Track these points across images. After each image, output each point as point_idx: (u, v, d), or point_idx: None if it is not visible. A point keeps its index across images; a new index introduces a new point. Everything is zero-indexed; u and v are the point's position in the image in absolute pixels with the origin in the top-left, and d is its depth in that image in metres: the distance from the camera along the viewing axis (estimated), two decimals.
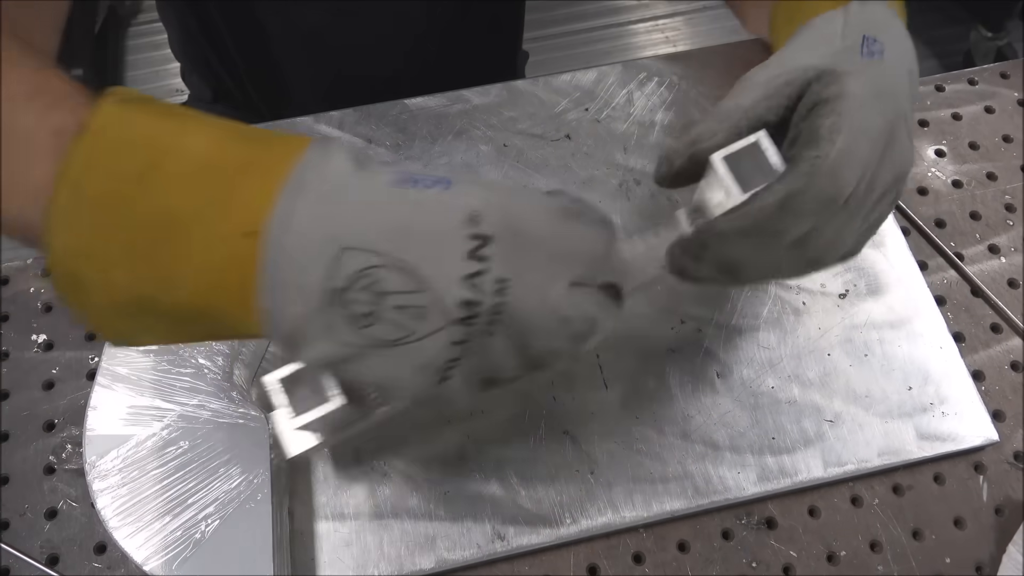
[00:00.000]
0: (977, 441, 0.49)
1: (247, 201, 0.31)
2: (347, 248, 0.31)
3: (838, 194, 0.37)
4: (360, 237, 0.31)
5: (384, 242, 0.31)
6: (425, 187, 0.32)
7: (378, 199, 0.32)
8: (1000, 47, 1.63)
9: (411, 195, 0.32)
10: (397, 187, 0.32)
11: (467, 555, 0.46)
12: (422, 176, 0.33)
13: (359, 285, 0.31)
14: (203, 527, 0.42)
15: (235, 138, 0.33)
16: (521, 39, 0.86)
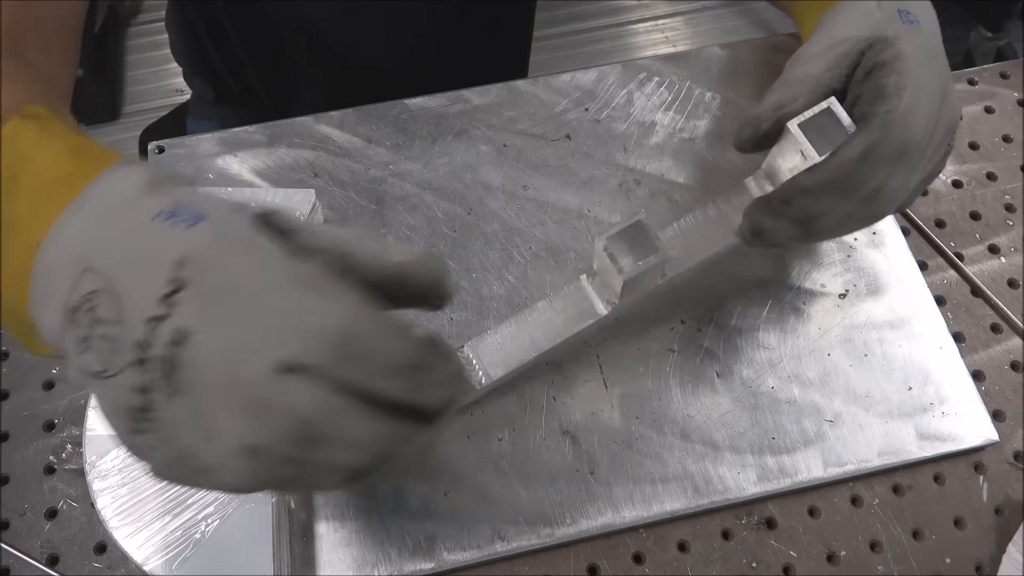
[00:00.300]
0: (977, 441, 0.49)
1: (48, 216, 0.32)
2: (87, 269, 0.30)
3: (910, 143, 0.41)
4: (99, 261, 0.30)
5: (112, 269, 0.30)
6: (174, 222, 0.30)
7: (131, 229, 0.30)
8: (1000, 47, 1.63)
9: (156, 228, 0.30)
10: (155, 219, 0.30)
11: (467, 555, 0.46)
12: (183, 210, 0.30)
13: (85, 307, 0.30)
14: (203, 527, 0.42)
15: (72, 154, 0.34)
16: (531, 39, 0.86)
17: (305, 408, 0.28)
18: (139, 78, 1.72)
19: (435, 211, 0.56)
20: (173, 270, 0.29)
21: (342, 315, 0.29)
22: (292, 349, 0.28)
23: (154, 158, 0.58)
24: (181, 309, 0.28)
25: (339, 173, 0.57)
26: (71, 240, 0.31)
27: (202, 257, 0.29)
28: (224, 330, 0.28)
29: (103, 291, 0.29)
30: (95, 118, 1.65)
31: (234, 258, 0.29)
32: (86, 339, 0.29)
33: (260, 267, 0.29)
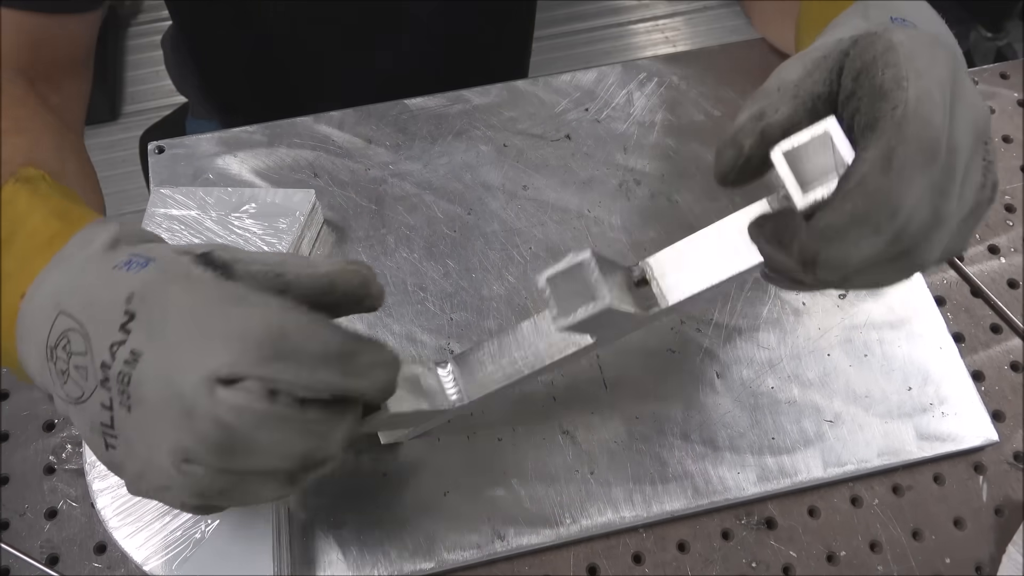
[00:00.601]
0: (977, 441, 0.49)
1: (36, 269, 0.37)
2: (60, 313, 0.34)
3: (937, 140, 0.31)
4: (70, 304, 0.34)
5: (79, 310, 0.34)
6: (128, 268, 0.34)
7: (97, 276, 0.35)
8: (1000, 47, 1.63)
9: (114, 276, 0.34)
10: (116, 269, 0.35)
11: (467, 555, 0.46)
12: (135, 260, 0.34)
13: (61, 344, 0.34)
14: (203, 527, 0.42)
15: (57, 217, 0.39)
16: (531, 39, 0.86)
17: (227, 415, 0.30)
18: (139, 78, 1.72)
19: (435, 211, 0.56)
20: (125, 304, 0.33)
21: (266, 317, 0.30)
22: (222, 358, 0.30)
23: (154, 158, 0.58)
24: (134, 335, 0.32)
25: (339, 173, 0.57)
26: (48, 290, 0.36)
27: (146, 290, 0.33)
28: (165, 349, 0.31)
29: (74, 330, 0.34)
30: (95, 118, 1.65)
31: (171, 287, 0.33)
32: (64, 372, 0.34)
33: (193, 291, 0.32)
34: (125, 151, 1.59)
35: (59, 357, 0.34)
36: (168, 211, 0.51)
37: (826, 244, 0.32)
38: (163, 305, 0.32)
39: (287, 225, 0.50)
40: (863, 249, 0.32)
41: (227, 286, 0.32)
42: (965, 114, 0.33)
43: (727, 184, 0.37)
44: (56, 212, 0.40)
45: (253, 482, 0.33)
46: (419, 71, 0.73)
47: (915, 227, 0.32)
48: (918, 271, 0.35)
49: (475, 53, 0.76)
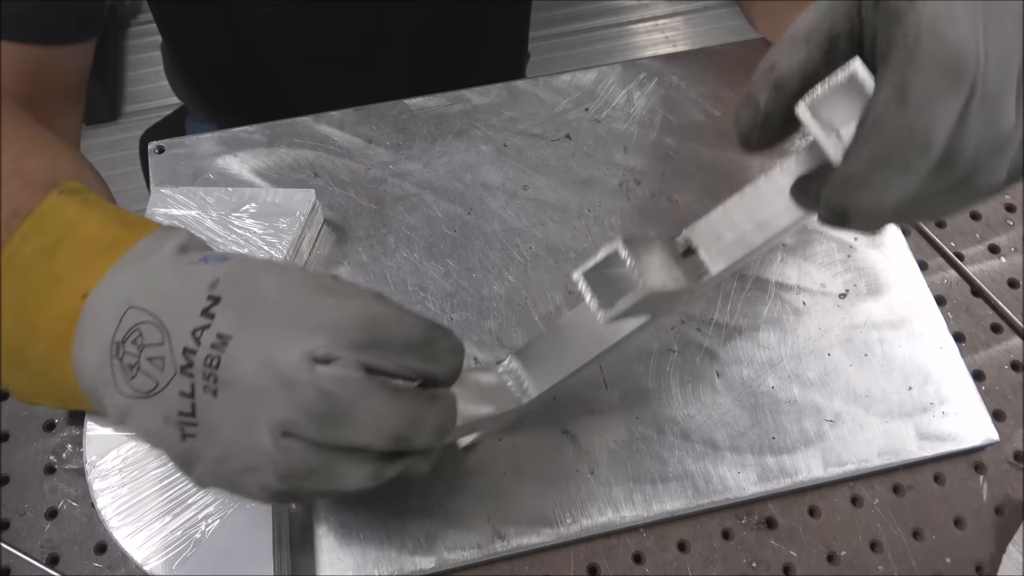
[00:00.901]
0: (977, 441, 0.49)
1: (96, 271, 0.37)
2: (131, 307, 0.35)
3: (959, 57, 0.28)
4: (142, 299, 0.35)
5: (153, 303, 0.34)
6: (205, 263, 0.35)
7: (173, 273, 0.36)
8: None
9: (191, 269, 0.35)
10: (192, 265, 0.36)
11: (467, 555, 0.46)
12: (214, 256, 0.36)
13: (131, 339, 0.34)
14: (203, 527, 0.42)
15: (117, 223, 0.40)
16: (527, 41, 0.86)
17: (328, 384, 0.31)
18: (139, 78, 1.72)
19: (435, 211, 0.56)
20: (209, 289, 0.34)
21: (361, 307, 0.33)
22: (319, 340, 0.32)
23: (154, 158, 0.58)
24: (219, 318, 0.33)
25: (339, 173, 0.57)
26: (118, 288, 0.36)
27: (233, 275, 0.34)
28: (258, 332, 0.32)
29: (147, 322, 0.34)
30: (95, 118, 1.65)
31: (260, 273, 0.34)
32: (134, 366, 0.34)
33: (283, 278, 0.34)
34: (125, 151, 1.59)
35: (127, 352, 0.34)
36: (168, 211, 0.51)
37: (852, 194, 0.30)
38: (254, 289, 0.33)
39: (287, 225, 0.50)
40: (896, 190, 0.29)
41: (315, 276, 0.34)
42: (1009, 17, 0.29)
43: (751, 148, 0.35)
44: (115, 219, 0.41)
45: (344, 463, 0.33)
46: (417, 71, 0.73)
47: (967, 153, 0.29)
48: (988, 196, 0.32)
49: (465, 54, 0.76)
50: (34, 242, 0.40)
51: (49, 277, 0.39)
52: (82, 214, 0.41)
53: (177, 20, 0.72)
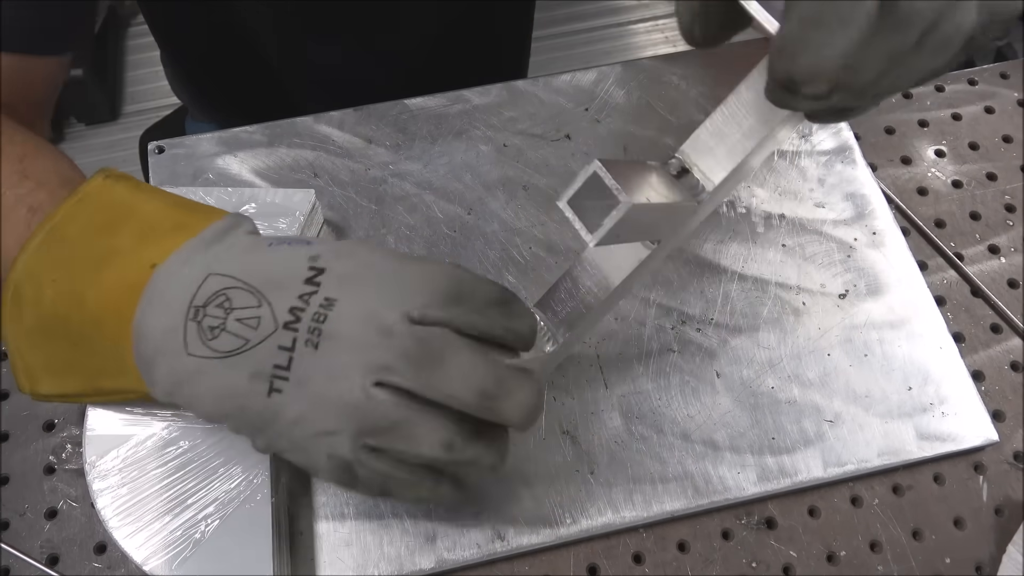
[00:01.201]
0: (977, 441, 0.49)
1: (165, 247, 0.39)
2: (212, 274, 0.37)
3: None
4: (225, 267, 0.37)
5: (242, 272, 0.37)
6: (291, 244, 0.38)
7: (253, 250, 0.38)
8: (1000, 47, 1.63)
9: (278, 248, 0.38)
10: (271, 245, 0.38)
11: (467, 555, 0.46)
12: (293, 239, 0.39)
13: (214, 303, 0.36)
14: (203, 527, 0.42)
15: (179, 206, 0.41)
16: (530, 40, 0.86)
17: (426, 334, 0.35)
18: (139, 78, 1.72)
19: (435, 211, 0.56)
20: (310, 261, 0.37)
21: (446, 273, 0.37)
22: (416, 300, 0.36)
23: (154, 158, 0.58)
24: (325, 285, 0.36)
25: (339, 173, 0.57)
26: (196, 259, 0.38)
27: (332, 251, 0.37)
28: (363, 294, 0.36)
29: (236, 287, 0.36)
30: (95, 118, 1.65)
31: (356, 248, 0.38)
32: (217, 327, 0.36)
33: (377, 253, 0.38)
34: (125, 151, 1.59)
35: (209, 314, 0.36)
36: None
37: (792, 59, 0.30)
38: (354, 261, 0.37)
39: (287, 225, 0.50)
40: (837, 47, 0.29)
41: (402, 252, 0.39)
42: None
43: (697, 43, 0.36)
44: (176, 203, 0.42)
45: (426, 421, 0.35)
46: (416, 72, 0.73)
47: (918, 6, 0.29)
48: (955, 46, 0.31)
49: (471, 54, 0.76)
50: (83, 220, 0.40)
51: (107, 250, 0.39)
52: (138, 196, 0.42)
53: (173, 22, 0.72)
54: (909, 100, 0.63)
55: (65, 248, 0.40)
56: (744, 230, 0.55)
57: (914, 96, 0.64)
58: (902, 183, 0.60)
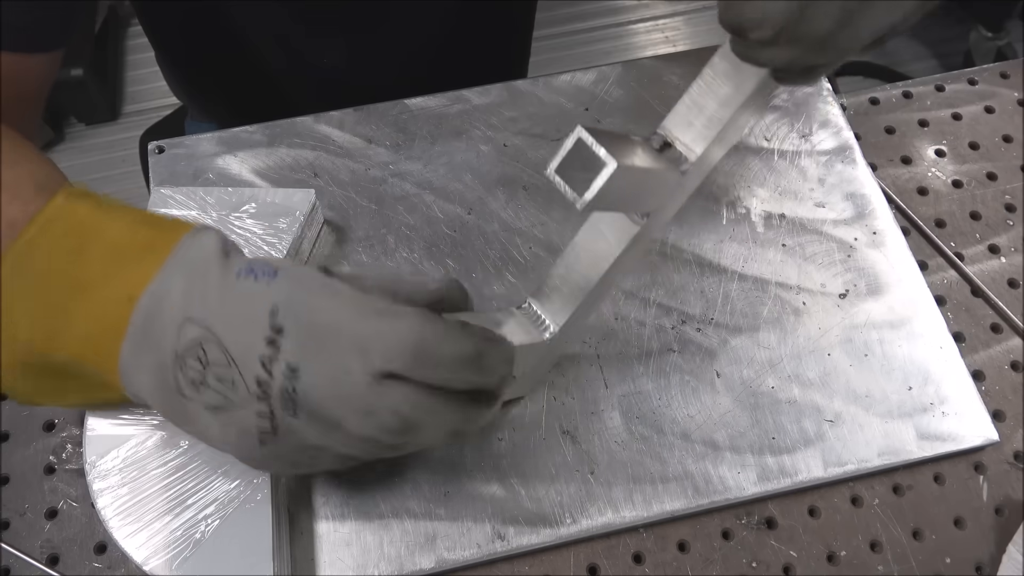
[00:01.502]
0: (977, 441, 0.49)
1: (138, 275, 0.38)
2: (188, 319, 0.36)
3: None
4: (199, 312, 0.36)
5: (212, 320, 0.36)
6: (256, 278, 0.37)
7: (223, 285, 0.37)
8: (1000, 47, 1.63)
9: (244, 285, 0.36)
10: (239, 277, 0.37)
11: (467, 555, 0.46)
12: (259, 267, 0.37)
13: (192, 353, 0.36)
14: (203, 527, 0.42)
15: (145, 224, 0.40)
16: (530, 40, 0.86)
17: (402, 407, 0.35)
18: (139, 78, 1.72)
19: (435, 211, 0.56)
20: (270, 318, 0.35)
21: (411, 330, 0.35)
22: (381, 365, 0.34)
23: (154, 158, 0.58)
24: (286, 349, 0.35)
25: (339, 173, 0.57)
26: (171, 296, 0.37)
27: (291, 304, 0.35)
28: (326, 360, 0.35)
29: (207, 339, 0.36)
30: (95, 118, 1.65)
31: (317, 301, 0.36)
32: (200, 382, 0.36)
33: (338, 305, 0.35)
34: (125, 151, 1.59)
35: (190, 366, 0.36)
36: (168, 211, 0.51)
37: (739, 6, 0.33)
38: (312, 319, 0.35)
39: (287, 225, 0.50)
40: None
41: (367, 299, 0.36)
42: None
43: None
44: (140, 220, 0.40)
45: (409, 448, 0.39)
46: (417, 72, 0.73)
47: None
48: None
49: (472, 54, 0.76)
50: (48, 247, 0.39)
51: (79, 281, 0.38)
52: (101, 217, 0.40)
53: (169, 24, 0.72)
54: (909, 100, 0.63)
55: (35, 279, 0.39)
56: (744, 230, 0.55)
57: (914, 96, 0.64)
58: (902, 183, 0.60)
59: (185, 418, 0.38)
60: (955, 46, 1.71)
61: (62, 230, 0.39)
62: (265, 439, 0.37)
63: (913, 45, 1.74)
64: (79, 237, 0.39)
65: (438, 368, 0.35)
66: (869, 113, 0.63)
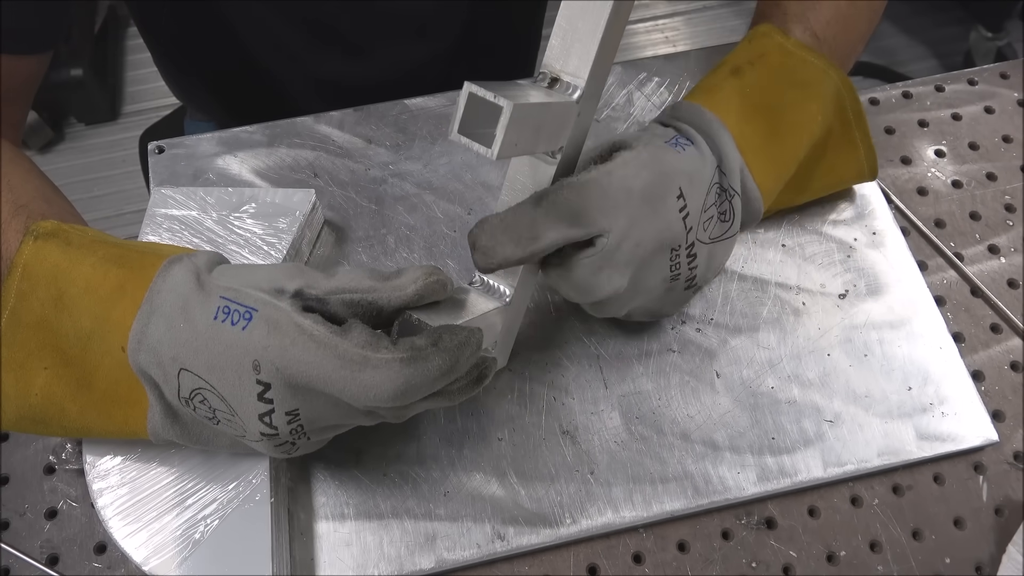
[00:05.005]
0: (977, 441, 0.49)
1: (119, 321, 0.39)
2: (183, 370, 0.37)
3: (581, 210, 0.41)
4: (191, 363, 0.37)
5: (205, 372, 0.37)
6: (232, 323, 0.37)
7: (202, 331, 0.37)
8: (1000, 47, 1.63)
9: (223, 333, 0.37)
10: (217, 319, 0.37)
11: (467, 555, 0.46)
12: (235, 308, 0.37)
13: (196, 399, 0.38)
14: (203, 527, 0.42)
15: (114, 263, 0.40)
16: (536, 50, 0.86)
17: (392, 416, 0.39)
18: (139, 78, 1.72)
19: (435, 211, 0.56)
20: (254, 374, 0.37)
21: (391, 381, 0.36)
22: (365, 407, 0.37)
23: (154, 158, 0.58)
24: (279, 401, 0.37)
25: (339, 173, 0.57)
26: (156, 344, 0.38)
27: (271, 357, 0.36)
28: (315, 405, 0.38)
29: (207, 390, 0.37)
30: (95, 118, 1.65)
31: (294, 353, 0.36)
32: (212, 418, 0.39)
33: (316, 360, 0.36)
34: (125, 151, 1.59)
35: (199, 408, 0.38)
36: (168, 211, 0.51)
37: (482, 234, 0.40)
38: (294, 373, 0.36)
39: (287, 225, 0.50)
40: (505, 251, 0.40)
41: (343, 345, 0.36)
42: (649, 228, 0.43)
43: None
44: (111, 260, 0.40)
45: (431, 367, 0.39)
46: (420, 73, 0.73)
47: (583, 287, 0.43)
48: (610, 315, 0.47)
49: (478, 58, 0.76)
50: (36, 299, 0.40)
51: (80, 330, 0.39)
52: (69, 258, 0.40)
53: (168, 24, 0.72)
54: (909, 100, 0.63)
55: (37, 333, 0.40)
56: None
57: (914, 96, 0.64)
58: (902, 183, 0.60)
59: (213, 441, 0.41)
60: (955, 46, 1.71)
61: (41, 279, 0.40)
62: (288, 449, 0.40)
63: (913, 45, 1.74)
64: (57, 285, 0.40)
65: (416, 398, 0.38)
66: (869, 113, 0.63)
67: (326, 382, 0.36)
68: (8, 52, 0.52)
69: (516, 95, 0.35)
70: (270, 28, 0.67)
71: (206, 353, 0.37)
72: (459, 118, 0.34)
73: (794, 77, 0.49)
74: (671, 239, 0.44)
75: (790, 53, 0.50)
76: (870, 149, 0.52)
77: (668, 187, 0.43)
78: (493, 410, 0.49)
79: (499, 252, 0.40)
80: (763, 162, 0.48)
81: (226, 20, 0.67)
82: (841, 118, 0.51)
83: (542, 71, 0.41)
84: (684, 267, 0.45)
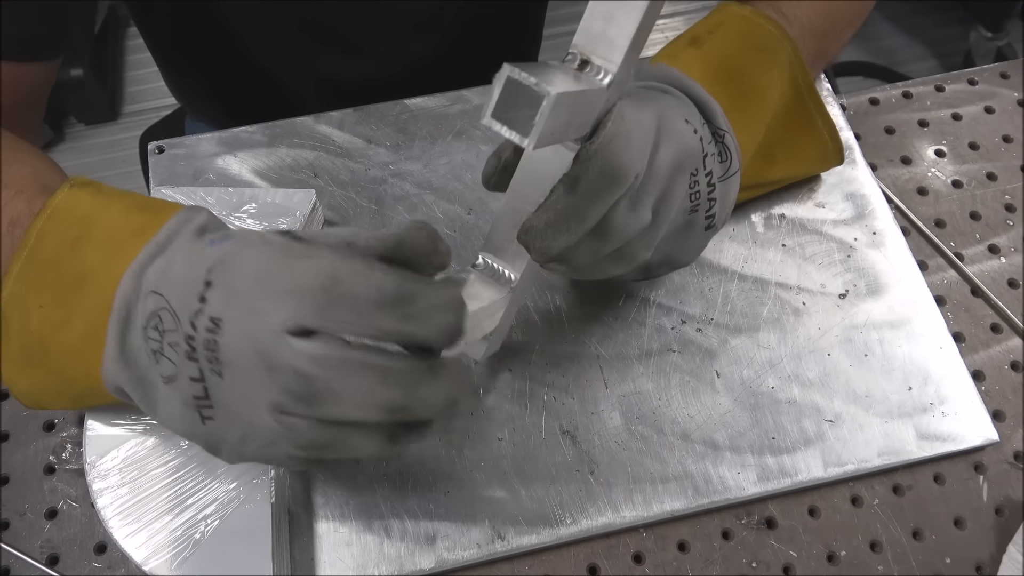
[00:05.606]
0: (977, 441, 0.49)
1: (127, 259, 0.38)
2: (151, 292, 0.36)
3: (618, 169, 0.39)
4: (160, 282, 0.36)
5: (167, 288, 0.35)
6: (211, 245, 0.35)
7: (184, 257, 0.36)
8: (1000, 47, 1.63)
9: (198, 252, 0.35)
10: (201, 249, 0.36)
11: (467, 555, 0.46)
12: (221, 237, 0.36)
13: (152, 324, 0.35)
14: (203, 527, 0.42)
15: (138, 209, 0.40)
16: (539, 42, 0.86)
17: (304, 364, 0.31)
18: (139, 78, 1.72)
19: (435, 211, 0.56)
20: (205, 274, 0.34)
21: (320, 266, 0.31)
22: (285, 311, 0.31)
23: (154, 158, 0.58)
24: (210, 302, 0.33)
25: (339, 173, 0.57)
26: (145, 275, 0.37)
27: (225, 258, 0.34)
28: (242, 309, 0.32)
29: (164, 308, 0.34)
30: (95, 118, 1.65)
31: (246, 251, 0.34)
32: (157, 351, 0.35)
33: (264, 253, 0.33)
34: (125, 151, 1.59)
35: (151, 337, 0.35)
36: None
37: (531, 239, 0.39)
38: (237, 269, 0.33)
39: (287, 225, 0.50)
40: (560, 243, 0.39)
41: (295, 246, 0.33)
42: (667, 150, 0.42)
43: (490, 188, 0.43)
44: (136, 206, 0.41)
45: (351, 435, 0.33)
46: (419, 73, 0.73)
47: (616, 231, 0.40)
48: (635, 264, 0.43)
49: (479, 54, 0.76)
50: (55, 238, 0.40)
51: (81, 271, 0.39)
52: (99, 205, 0.41)
53: (167, 25, 0.72)
54: (909, 100, 0.63)
55: (44, 271, 0.40)
56: (744, 230, 0.55)
57: (914, 96, 0.64)
58: (902, 183, 0.60)
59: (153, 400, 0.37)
60: (955, 46, 1.71)
61: (67, 220, 0.40)
62: (203, 409, 0.34)
63: (913, 45, 1.74)
64: (82, 226, 0.40)
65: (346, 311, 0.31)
66: (869, 113, 0.63)
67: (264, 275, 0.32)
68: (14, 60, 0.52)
69: (554, 80, 0.33)
70: (269, 28, 0.67)
71: (175, 271, 0.35)
72: (494, 102, 0.32)
73: (753, 42, 0.50)
74: (689, 159, 0.43)
75: (747, 19, 0.50)
76: (832, 129, 0.53)
77: (674, 115, 0.43)
78: (493, 410, 0.49)
79: (554, 247, 0.39)
80: (733, 122, 0.47)
81: (225, 20, 0.66)
82: (795, 89, 0.51)
83: (571, 51, 0.40)
84: (704, 196, 0.45)
